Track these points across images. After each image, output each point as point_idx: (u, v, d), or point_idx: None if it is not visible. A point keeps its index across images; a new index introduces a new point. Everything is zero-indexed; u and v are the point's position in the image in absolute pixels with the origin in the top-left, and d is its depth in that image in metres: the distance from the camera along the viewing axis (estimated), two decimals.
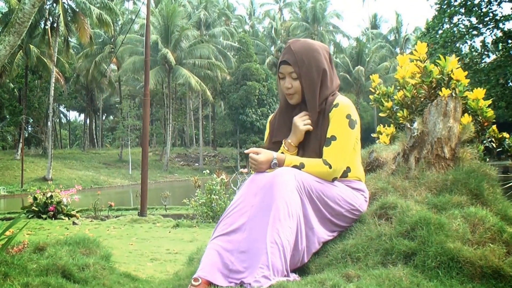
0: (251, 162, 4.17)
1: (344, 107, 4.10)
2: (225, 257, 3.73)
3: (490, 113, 5.58)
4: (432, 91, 6.03)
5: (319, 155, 4.11)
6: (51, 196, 20.30)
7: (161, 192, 31.77)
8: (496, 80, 33.71)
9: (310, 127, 4.16)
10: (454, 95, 4.81)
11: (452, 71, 5.89)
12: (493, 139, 5.73)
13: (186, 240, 12.40)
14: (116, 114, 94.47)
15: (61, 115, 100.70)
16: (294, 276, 3.74)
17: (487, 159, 5.11)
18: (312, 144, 4.16)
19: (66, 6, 52.88)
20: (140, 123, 73.70)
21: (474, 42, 36.36)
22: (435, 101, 4.77)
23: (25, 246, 4.77)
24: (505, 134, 5.77)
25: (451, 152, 4.72)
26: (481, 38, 36.66)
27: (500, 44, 34.53)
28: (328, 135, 4.09)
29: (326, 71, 4.19)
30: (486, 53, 36.80)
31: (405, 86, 6.27)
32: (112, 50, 72.51)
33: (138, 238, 12.91)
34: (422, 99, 6.17)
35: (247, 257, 3.69)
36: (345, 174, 4.17)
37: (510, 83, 35.46)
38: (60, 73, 58.98)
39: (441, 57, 6.01)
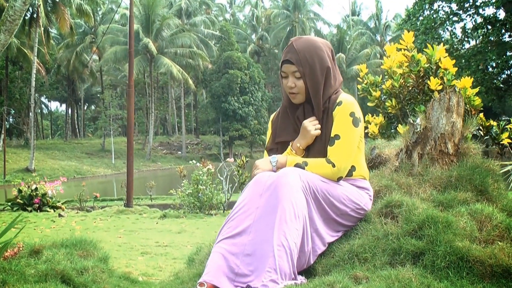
0: (252, 169, 4.13)
1: (347, 105, 4.04)
2: (231, 260, 3.66)
3: (478, 101, 5.60)
4: (420, 80, 6.05)
5: (324, 155, 4.05)
6: (36, 189, 20.20)
7: (145, 181, 31.63)
8: (476, 66, 34.40)
9: (319, 132, 4.09)
10: (457, 90, 4.74)
11: (440, 59, 5.90)
12: (480, 127, 5.73)
13: (174, 232, 12.43)
14: (98, 104, 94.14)
15: (43, 106, 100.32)
16: (301, 279, 3.69)
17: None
18: (317, 144, 4.11)
19: None
20: (122, 113, 73.58)
21: (454, 28, 36.86)
22: (438, 96, 4.71)
23: (20, 248, 4.66)
24: (493, 122, 5.78)
25: (454, 147, 4.69)
26: (461, 24, 37.17)
27: (480, 30, 35.04)
28: (332, 134, 4.03)
29: (329, 69, 4.12)
30: (466, 39, 37.37)
31: (392, 76, 6.25)
32: (93, 40, 72.37)
33: (126, 230, 12.92)
34: (410, 88, 6.17)
35: (253, 260, 3.62)
36: (350, 173, 4.11)
37: (490, 69, 36.16)
38: (41, 64, 58.63)
39: (429, 46, 6.03)
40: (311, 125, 4.08)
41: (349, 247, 3.95)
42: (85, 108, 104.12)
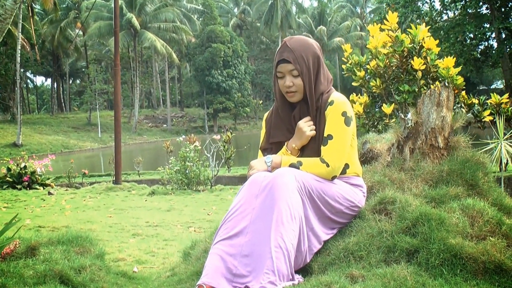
0: (248, 170, 4.18)
1: (339, 104, 4.09)
2: (228, 261, 3.71)
3: (460, 80, 5.71)
4: (404, 59, 6.12)
5: (318, 154, 4.10)
6: (25, 167, 20.23)
7: (132, 155, 31.50)
8: (455, 38, 35.04)
9: (315, 133, 4.14)
10: (446, 84, 4.79)
11: (423, 39, 5.99)
12: (463, 105, 5.82)
13: (163, 210, 12.48)
14: (83, 78, 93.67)
15: (28, 81, 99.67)
16: (298, 278, 3.75)
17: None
18: (311, 144, 4.16)
19: None
20: (107, 87, 73.43)
21: (433, 1, 37.25)
22: (429, 91, 4.77)
23: (17, 246, 4.68)
24: (474, 100, 5.87)
25: (444, 141, 4.75)
26: None
27: (458, 3, 35.46)
28: (325, 134, 4.08)
29: (320, 64, 4.19)
30: (445, 11, 37.82)
31: (377, 56, 6.32)
32: (77, 15, 71.97)
33: (115, 208, 12.96)
34: (394, 68, 6.24)
35: (251, 260, 3.67)
36: (343, 171, 4.17)
37: (468, 41, 36.74)
38: (25, 40, 58.19)
39: (412, 26, 6.13)
40: (306, 126, 4.13)
41: (344, 245, 4.00)
42: (71, 82, 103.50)
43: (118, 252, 7.44)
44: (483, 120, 5.98)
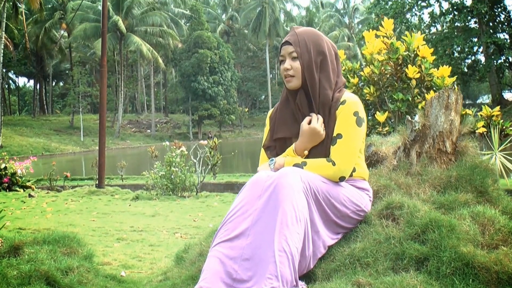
0: None
1: (351, 104, 3.92)
2: (228, 265, 3.51)
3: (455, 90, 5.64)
4: (399, 67, 6.07)
5: (326, 155, 3.94)
6: (5, 168, 19.96)
7: (114, 159, 31.27)
8: (443, 51, 35.65)
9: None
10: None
11: (418, 48, 5.95)
12: None
13: (148, 215, 12.32)
14: (67, 81, 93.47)
15: (10, 81, 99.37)
16: (302, 285, 3.59)
17: None
18: (318, 145, 3.98)
19: None
20: (91, 90, 73.35)
21: (422, 13, 38.12)
22: (437, 93, 4.68)
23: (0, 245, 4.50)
24: (468, 111, 5.82)
25: (452, 146, 4.65)
26: (429, 9, 38.24)
27: (447, 16, 36.26)
28: (335, 134, 3.91)
29: (326, 56, 4.02)
30: (433, 24, 38.50)
31: (372, 62, 6.26)
32: (62, 16, 71.76)
33: (98, 212, 12.78)
34: (388, 76, 6.18)
35: (252, 264, 3.48)
36: (350, 174, 3.97)
37: (456, 54, 37.40)
38: (9, 39, 57.97)
39: (408, 34, 6.08)
40: (319, 125, 3.95)
41: (349, 251, 3.84)
42: (54, 84, 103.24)
43: (103, 256, 7.24)
44: (476, 131, 5.91)
